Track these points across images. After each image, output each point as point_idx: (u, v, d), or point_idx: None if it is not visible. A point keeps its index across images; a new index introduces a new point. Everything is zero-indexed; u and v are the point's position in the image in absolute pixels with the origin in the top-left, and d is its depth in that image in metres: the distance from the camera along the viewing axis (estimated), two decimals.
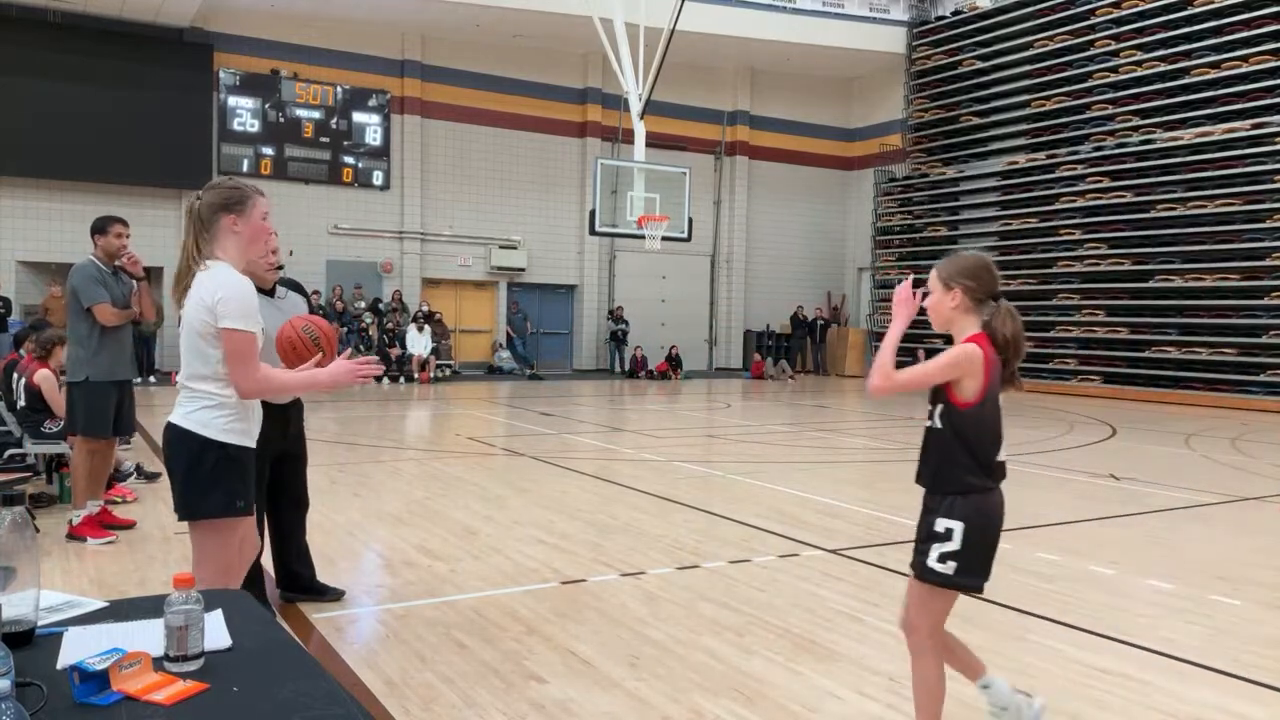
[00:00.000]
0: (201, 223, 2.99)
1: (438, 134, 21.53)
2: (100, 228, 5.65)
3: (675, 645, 4.02)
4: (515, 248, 22.36)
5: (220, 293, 2.90)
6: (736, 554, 5.60)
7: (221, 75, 19.41)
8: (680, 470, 8.90)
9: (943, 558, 2.73)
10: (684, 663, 3.83)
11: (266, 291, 4.19)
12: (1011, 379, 2.81)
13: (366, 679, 3.58)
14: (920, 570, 2.80)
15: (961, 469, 2.76)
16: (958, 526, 2.72)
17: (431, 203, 21.48)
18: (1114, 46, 19.41)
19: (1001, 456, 2.80)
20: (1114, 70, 19.40)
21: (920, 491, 2.89)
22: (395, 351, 19.22)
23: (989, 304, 2.77)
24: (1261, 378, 16.55)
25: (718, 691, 3.55)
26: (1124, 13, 19.24)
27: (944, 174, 23.12)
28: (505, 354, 22.03)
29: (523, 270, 22.56)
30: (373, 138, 20.86)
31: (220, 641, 1.82)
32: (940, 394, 2.80)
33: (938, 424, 2.80)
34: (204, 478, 2.99)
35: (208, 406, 2.98)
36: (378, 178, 20.89)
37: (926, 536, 2.81)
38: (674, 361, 22.38)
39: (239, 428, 3.03)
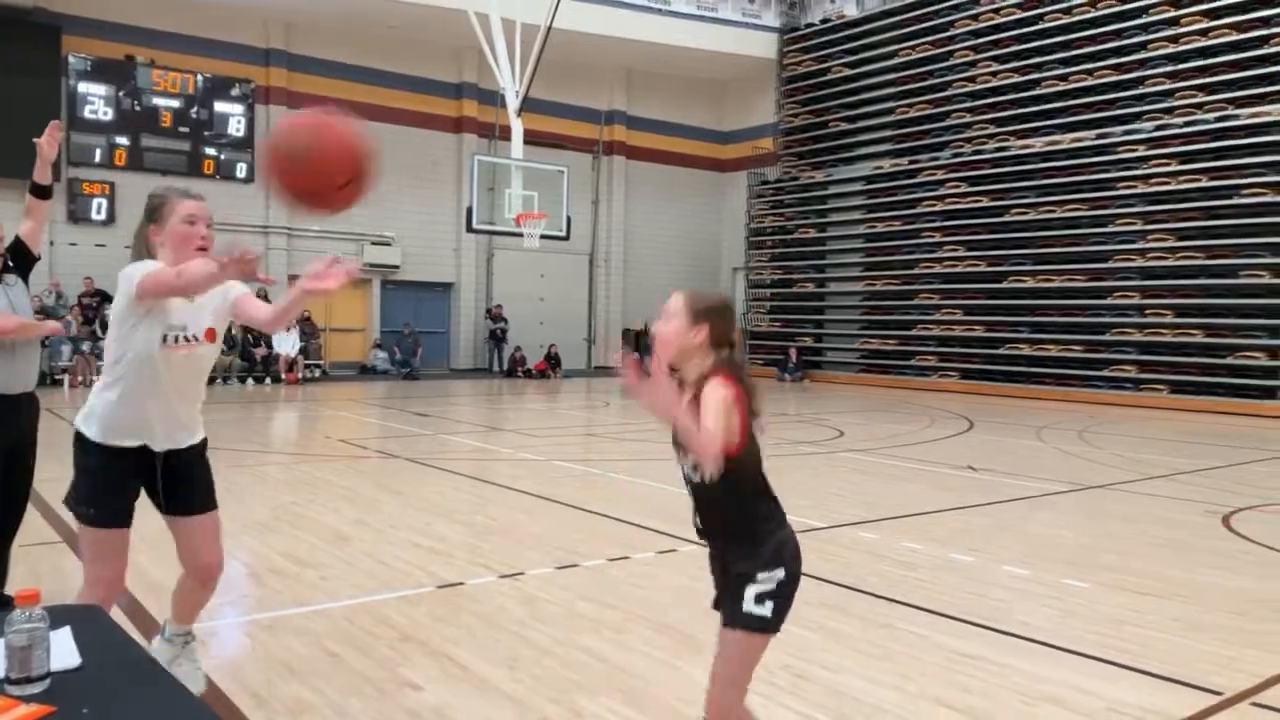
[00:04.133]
0: (139, 237, 3.02)
1: None
2: None
3: (554, 645, 4.00)
4: (389, 244, 21.86)
5: (126, 271, 2.92)
6: (616, 552, 5.62)
7: (71, 60, 18.30)
8: (560, 469, 8.87)
9: (759, 598, 2.50)
10: (563, 662, 3.82)
11: None
12: (758, 423, 2.59)
13: (231, 693, 3.44)
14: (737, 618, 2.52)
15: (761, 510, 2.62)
16: (778, 573, 2.53)
17: None
18: (972, 57, 20.35)
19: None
20: (972, 80, 20.34)
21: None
22: (261, 351, 18.52)
23: (722, 348, 2.55)
24: (1105, 373, 17.64)
25: (598, 690, 3.55)
26: (981, 25, 20.18)
27: (813, 177, 23.77)
28: (382, 354, 21.53)
29: (397, 268, 22.08)
30: (236, 128, 20.02)
31: (69, 660, 1.71)
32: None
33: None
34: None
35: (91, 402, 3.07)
36: (241, 170, 20.07)
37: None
38: (553, 360, 22.32)
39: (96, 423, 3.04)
